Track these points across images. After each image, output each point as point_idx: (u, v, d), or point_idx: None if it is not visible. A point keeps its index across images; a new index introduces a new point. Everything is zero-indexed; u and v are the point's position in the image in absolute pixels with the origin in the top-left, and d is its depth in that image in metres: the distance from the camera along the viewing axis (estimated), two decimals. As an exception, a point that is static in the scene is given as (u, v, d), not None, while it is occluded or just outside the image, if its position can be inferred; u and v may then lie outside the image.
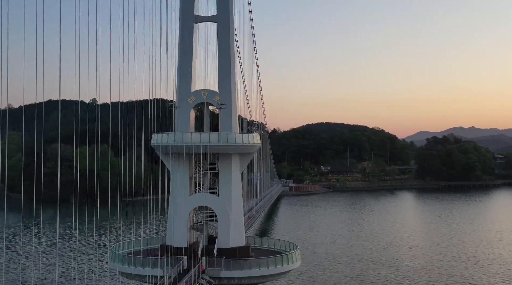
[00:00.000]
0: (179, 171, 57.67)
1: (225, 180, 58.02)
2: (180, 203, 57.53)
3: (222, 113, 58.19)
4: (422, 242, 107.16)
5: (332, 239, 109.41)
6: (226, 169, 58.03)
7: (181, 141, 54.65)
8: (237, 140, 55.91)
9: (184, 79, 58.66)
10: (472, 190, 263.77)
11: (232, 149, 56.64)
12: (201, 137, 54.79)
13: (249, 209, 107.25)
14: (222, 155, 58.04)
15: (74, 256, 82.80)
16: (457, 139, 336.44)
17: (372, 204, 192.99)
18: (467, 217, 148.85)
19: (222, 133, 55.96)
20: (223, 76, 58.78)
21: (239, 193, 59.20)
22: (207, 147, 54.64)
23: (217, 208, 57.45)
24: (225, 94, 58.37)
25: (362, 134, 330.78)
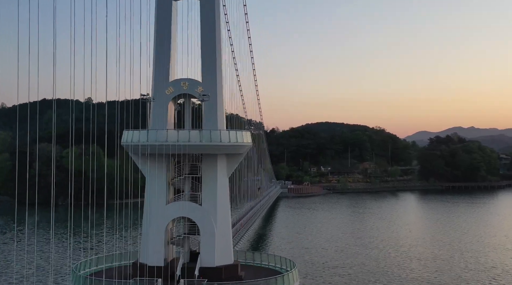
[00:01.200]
0: (155, 176, 48.63)
1: (210, 186, 48.98)
2: (155, 213, 48.50)
3: (206, 106, 49.16)
4: (429, 250, 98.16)
5: (334, 247, 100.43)
6: (211, 173, 48.98)
7: (155, 140, 45.63)
8: (223, 138, 46.89)
9: (161, 66, 49.57)
10: (477, 191, 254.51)
11: (217, 149, 47.61)
12: (179, 134, 45.69)
13: (243, 214, 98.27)
14: (205, 157, 49.01)
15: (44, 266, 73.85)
16: (461, 138, 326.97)
17: (374, 207, 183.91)
18: (474, 222, 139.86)
19: (205, 130, 46.92)
20: (207, 63, 49.73)
21: (226, 201, 50.14)
22: (187, 147, 45.55)
23: (200, 220, 48.40)
24: (210, 84, 49.33)
25: (363, 134, 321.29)
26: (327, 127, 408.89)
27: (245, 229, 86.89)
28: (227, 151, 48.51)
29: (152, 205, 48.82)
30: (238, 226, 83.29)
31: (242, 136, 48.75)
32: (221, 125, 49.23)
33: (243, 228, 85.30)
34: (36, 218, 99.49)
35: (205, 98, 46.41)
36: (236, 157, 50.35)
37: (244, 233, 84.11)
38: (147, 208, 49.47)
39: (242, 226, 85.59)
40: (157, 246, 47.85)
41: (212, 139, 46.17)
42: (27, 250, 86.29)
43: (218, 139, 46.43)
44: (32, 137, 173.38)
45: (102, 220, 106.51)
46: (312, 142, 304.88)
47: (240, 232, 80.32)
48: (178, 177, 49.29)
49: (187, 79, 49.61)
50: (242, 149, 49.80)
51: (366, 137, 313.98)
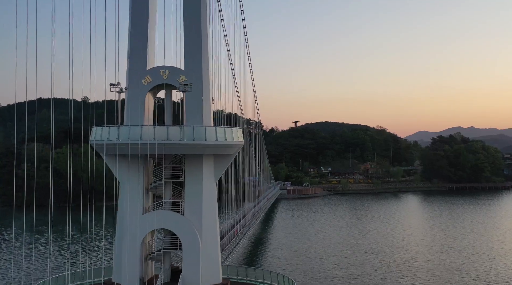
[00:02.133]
0: (129, 180, 41.29)
1: (194, 193, 41.68)
2: (130, 224, 41.17)
3: (189, 98, 41.81)
4: (437, 257, 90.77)
5: (335, 254, 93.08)
6: (195, 177, 41.68)
7: (127, 138, 38.26)
8: (208, 136, 39.58)
9: (137, 52, 42.25)
10: (481, 192, 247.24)
11: (203, 149, 40.28)
12: (155, 131, 38.31)
13: (239, 219, 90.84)
14: (189, 158, 41.71)
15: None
16: (464, 138, 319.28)
17: (377, 209, 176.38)
18: (483, 226, 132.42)
19: (187, 127, 39.52)
20: (190, 48, 42.40)
21: (214, 210, 42.79)
22: (163, 147, 38.21)
23: (182, 232, 41.09)
24: (194, 72, 42.02)
25: (364, 133, 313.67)
26: (326, 127, 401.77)
27: (240, 236, 79.42)
28: (214, 151, 41.21)
29: (126, 215, 41.50)
30: (231, 234, 75.94)
31: (232, 134, 41.43)
32: (207, 120, 41.89)
33: (237, 235, 77.86)
34: (24, 222, 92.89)
35: (187, 88, 39.02)
36: (225, 158, 43.03)
37: (239, 241, 76.61)
38: (121, 218, 42.17)
39: (236, 233, 78.16)
40: (132, 263, 40.56)
41: (196, 137, 38.83)
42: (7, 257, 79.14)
43: (202, 137, 39.10)
44: (24, 137, 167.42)
45: (92, 224, 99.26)
46: (312, 142, 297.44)
47: (235, 240, 72.89)
48: (157, 182, 41.96)
49: (167, 67, 42.25)
50: (232, 148, 42.48)
51: (368, 137, 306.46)
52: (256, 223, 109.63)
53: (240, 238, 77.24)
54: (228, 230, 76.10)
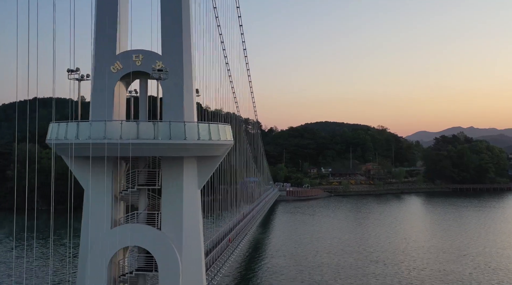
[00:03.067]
0: (94, 187, 34.20)
1: (172, 202, 34.58)
2: (96, 240, 34.07)
3: (166, 89, 34.71)
4: (447, 266, 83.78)
5: (338, 263, 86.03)
6: (174, 184, 34.59)
7: (87, 136, 31.14)
8: (189, 134, 32.46)
9: (104, 33, 35.13)
10: (486, 194, 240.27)
11: (182, 150, 33.14)
12: (122, 128, 31.16)
13: (234, 225, 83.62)
14: (167, 161, 34.60)
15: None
16: (468, 138, 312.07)
17: (379, 212, 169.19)
18: (491, 231, 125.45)
19: (163, 123, 32.37)
20: (169, 28, 35.31)
21: (197, 222, 35.67)
22: (135, 147, 31.12)
23: (158, 250, 33.99)
24: (173, 57, 34.94)
25: (365, 133, 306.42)
26: (326, 127, 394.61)
27: (235, 244, 72.21)
28: (197, 152, 34.10)
29: (91, 229, 34.39)
30: (224, 243, 68.80)
31: (219, 131, 34.29)
32: (189, 115, 34.76)
33: (232, 244, 70.68)
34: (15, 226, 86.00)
35: (162, 75, 31.83)
36: (211, 160, 35.92)
37: (233, 250, 69.43)
38: (85, 233, 35.05)
39: (230, 241, 70.98)
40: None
41: (173, 135, 31.67)
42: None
43: (181, 135, 31.95)
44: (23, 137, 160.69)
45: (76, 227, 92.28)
46: (312, 142, 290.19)
47: (228, 251, 65.69)
48: (128, 189, 34.86)
49: (141, 51, 35.11)
50: (219, 149, 35.36)
51: (369, 137, 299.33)
52: (253, 229, 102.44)
53: (234, 248, 70.01)
54: (221, 238, 68.96)
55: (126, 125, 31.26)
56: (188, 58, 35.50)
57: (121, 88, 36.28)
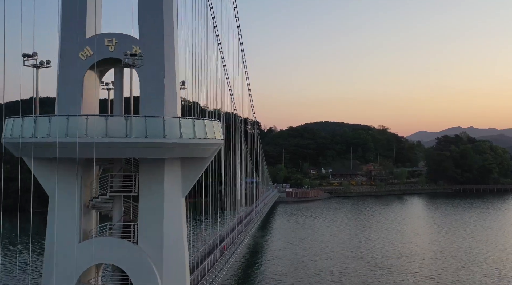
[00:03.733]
0: (59, 194, 29.08)
1: (151, 212, 29.47)
2: (62, 256, 28.91)
3: (144, 79, 29.61)
4: (457, 275, 78.80)
5: (340, 271, 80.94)
6: (153, 190, 29.48)
7: (46, 133, 26.03)
8: (169, 131, 27.33)
9: (72, 13, 29.99)
10: (489, 195, 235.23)
11: (164, 151, 27.94)
12: (88, 124, 25.99)
13: (230, 230, 78.55)
14: (144, 163, 29.48)
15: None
16: (470, 138, 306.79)
17: (381, 214, 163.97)
18: (501, 234, 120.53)
19: (137, 118, 27.24)
20: (147, 8, 30.18)
21: (180, 236, 30.54)
22: (103, 147, 25.99)
23: (133, 268, 28.84)
24: (152, 42, 29.85)
25: (366, 133, 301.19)
26: (326, 127, 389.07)
27: (230, 252, 67.05)
28: (180, 153, 28.94)
29: (56, 243, 29.24)
30: (219, 249, 63.77)
31: (205, 128, 29.17)
32: (171, 110, 29.66)
33: (227, 252, 65.55)
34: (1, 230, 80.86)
35: (137, 61, 26.66)
36: (198, 163, 30.78)
37: (228, 258, 64.26)
38: (49, 246, 29.92)
39: (225, 249, 65.85)
40: (63, 312, 28.36)
41: (150, 133, 26.53)
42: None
43: (159, 132, 26.82)
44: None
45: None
46: (311, 142, 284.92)
47: (222, 259, 60.57)
48: (99, 197, 29.75)
49: (115, 34, 29.97)
50: (207, 149, 30.21)
51: (370, 137, 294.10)
52: (250, 233, 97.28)
53: (229, 257, 64.85)
54: (215, 246, 63.86)
55: (92, 121, 26.09)
56: (170, 43, 30.41)
57: (93, 79, 31.17)
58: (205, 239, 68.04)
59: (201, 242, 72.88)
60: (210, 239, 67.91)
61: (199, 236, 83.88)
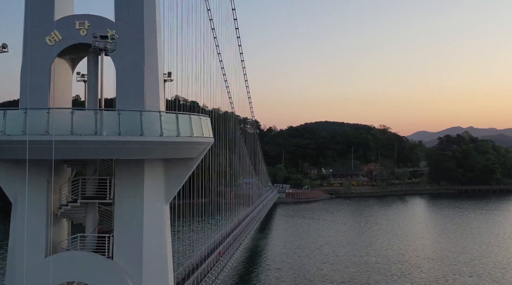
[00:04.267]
0: (22, 200, 25.08)
1: (129, 222, 25.45)
2: (26, 272, 24.86)
3: (120, 68, 25.60)
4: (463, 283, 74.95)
5: (344, 281, 76.99)
6: (131, 197, 25.46)
7: (0, 130, 22.01)
8: (147, 127, 23.29)
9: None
10: (492, 196, 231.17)
11: (142, 151, 23.87)
12: (50, 119, 21.96)
13: (226, 234, 74.49)
14: (121, 165, 25.47)
15: None
16: (473, 138, 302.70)
17: (383, 216, 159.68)
18: (504, 237, 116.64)
19: (110, 112, 23.21)
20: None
21: (163, 248, 26.48)
22: (67, 146, 21.99)
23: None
24: (130, 25, 25.85)
25: (367, 133, 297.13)
26: (326, 127, 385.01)
27: (226, 258, 63.02)
28: (162, 153, 24.92)
29: (19, 257, 25.21)
30: (214, 256, 59.76)
31: (192, 125, 25.15)
32: (152, 104, 25.66)
33: (222, 258, 61.52)
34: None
35: (109, 45, 22.66)
36: (184, 165, 26.74)
37: (224, 265, 60.25)
38: (12, 260, 25.92)
39: (221, 255, 61.82)
40: None
41: (124, 130, 22.52)
42: None
43: (136, 129, 22.80)
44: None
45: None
46: (312, 141, 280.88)
47: (217, 267, 56.59)
48: (69, 204, 25.73)
49: (87, 16, 25.95)
50: (194, 149, 26.18)
51: (370, 136, 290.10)
52: (249, 236, 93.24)
53: (225, 264, 60.83)
54: (209, 253, 59.81)
55: (55, 115, 22.06)
56: (152, 27, 26.43)
57: (64, 68, 27.18)
58: (199, 244, 64.03)
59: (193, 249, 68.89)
60: (205, 244, 63.97)
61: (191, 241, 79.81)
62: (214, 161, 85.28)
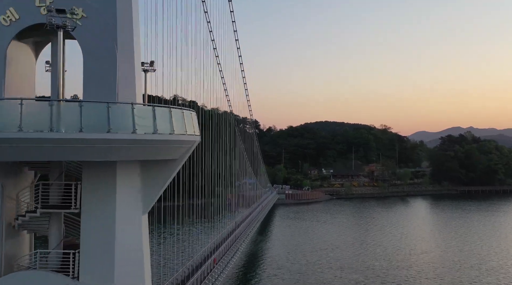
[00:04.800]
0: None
1: (98, 236, 21.38)
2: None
3: (87, 52, 21.58)
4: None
5: (345, 282, 72.98)
6: (101, 205, 21.38)
7: None
8: (115, 122, 19.18)
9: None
10: (495, 196, 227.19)
11: (111, 151, 19.74)
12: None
13: (222, 239, 70.45)
14: (88, 168, 21.41)
15: None
16: (475, 138, 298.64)
17: (386, 218, 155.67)
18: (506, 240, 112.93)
19: (69, 103, 19.17)
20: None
21: (140, 267, 22.39)
22: (22, 145, 17.96)
23: (72, 315, 20.75)
24: (100, 1, 21.80)
25: (368, 133, 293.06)
26: (327, 127, 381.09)
27: (221, 266, 58.96)
28: (136, 154, 20.83)
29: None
30: (209, 263, 55.73)
31: (172, 120, 21.09)
32: (127, 95, 21.65)
33: (217, 266, 57.47)
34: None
35: (68, 22, 18.62)
36: (164, 167, 22.70)
37: (218, 275, 56.21)
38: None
39: (215, 262, 57.77)
40: None
41: (86, 125, 18.43)
42: None
43: (102, 124, 18.74)
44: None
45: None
46: (312, 141, 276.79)
47: (211, 276, 52.54)
48: (27, 214, 21.71)
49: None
50: (176, 149, 22.14)
51: (371, 136, 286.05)
52: (247, 240, 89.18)
53: (221, 270, 56.78)
54: (203, 260, 55.76)
55: (4, 108, 18.04)
56: (127, 8, 22.40)
57: (23, 53, 23.15)
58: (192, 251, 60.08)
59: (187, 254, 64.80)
60: (198, 250, 59.95)
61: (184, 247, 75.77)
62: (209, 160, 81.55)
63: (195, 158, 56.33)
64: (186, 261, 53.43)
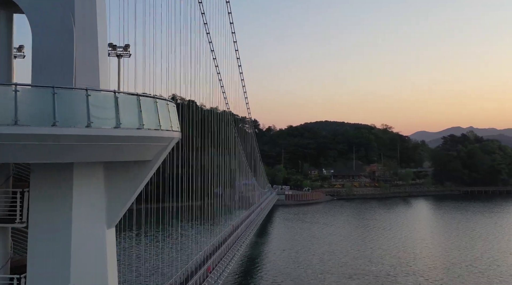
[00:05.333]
0: None
1: (49, 255, 17.06)
2: None
3: (36, 25, 17.31)
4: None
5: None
6: (53, 218, 17.08)
7: None
8: (63, 113, 14.88)
9: None
10: (499, 197, 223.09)
11: (57, 150, 15.43)
12: None
13: (217, 245, 66.22)
14: (38, 171, 17.12)
15: None
16: (478, 137, 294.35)
17: (388, 220, 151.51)
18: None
19: (2, 88, 14.93)
20: None
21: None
22: None
23: None
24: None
25: (369, 132, 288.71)
26: (327, 126, 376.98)
27: (216, 275, 54.75)
28: (96, 155, 16.55)
29: None
30: (204, 270, 51.63)
31: (141, 112, 16.82)
32: (88, 82, 17.40)
33: (212, 274, 53.27)
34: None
35: None
36: (135, 170, 18.46)
37: (216, 279, 52.01)
38: None
39: (210, 271, 53.56)
40: None
41: (24, 117, 14.21)
42: None
43: (47, 116, 14.48)
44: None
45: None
46: (312, 141, 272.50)
47: (210, 279, 48.35)
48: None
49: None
50: (148, 148, 17.89)
51: (372, 136, 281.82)
52: (245, 244, 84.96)
53: (216, 280, 52.57)
54: (198, 267, 51.68)
55: None
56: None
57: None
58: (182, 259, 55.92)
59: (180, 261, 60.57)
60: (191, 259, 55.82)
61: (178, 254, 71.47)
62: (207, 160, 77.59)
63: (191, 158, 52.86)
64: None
